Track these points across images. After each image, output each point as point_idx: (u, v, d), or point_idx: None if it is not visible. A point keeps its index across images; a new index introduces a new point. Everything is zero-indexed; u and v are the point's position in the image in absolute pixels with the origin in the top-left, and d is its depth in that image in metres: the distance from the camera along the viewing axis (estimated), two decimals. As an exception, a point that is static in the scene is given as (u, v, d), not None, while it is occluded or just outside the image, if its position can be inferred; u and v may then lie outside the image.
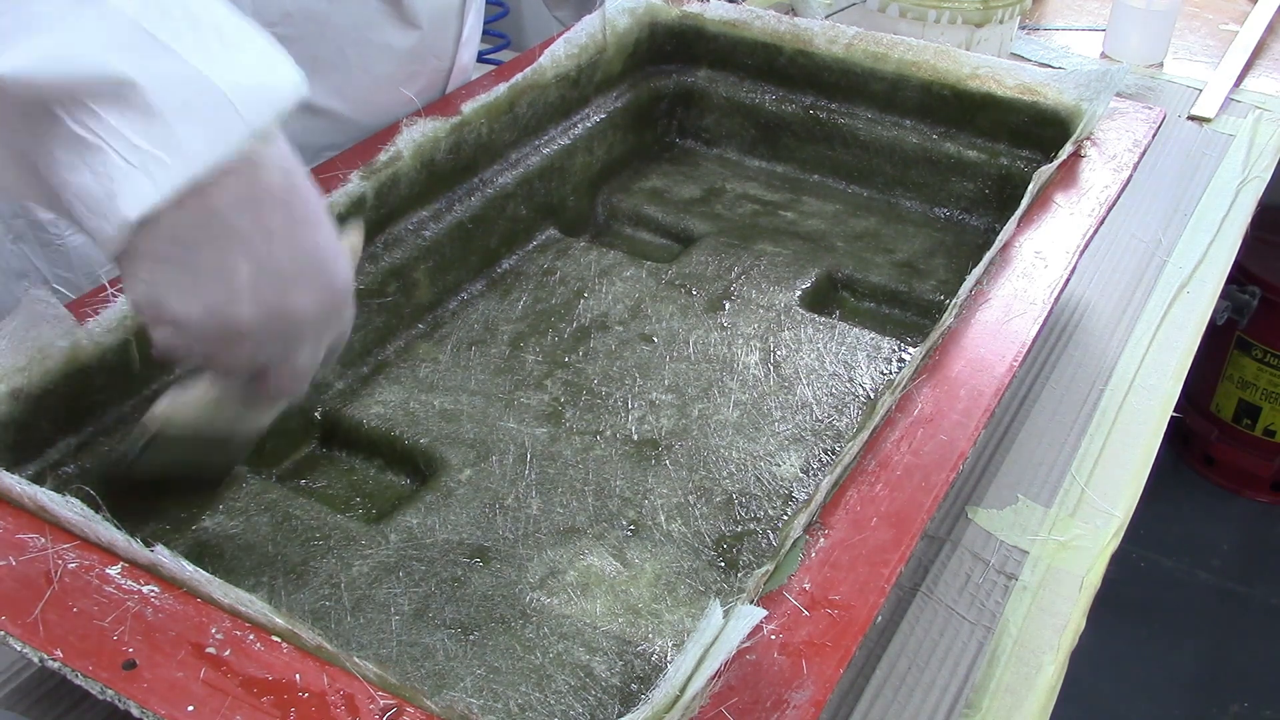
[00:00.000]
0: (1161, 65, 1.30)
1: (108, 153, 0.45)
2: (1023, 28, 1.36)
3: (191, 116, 0.46)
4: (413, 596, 0.58)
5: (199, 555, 0.60)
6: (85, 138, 0.45)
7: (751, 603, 0.47)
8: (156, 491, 0.60)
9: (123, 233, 0.46)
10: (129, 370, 0.61)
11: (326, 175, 0.72)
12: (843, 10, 1.28)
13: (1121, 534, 0.69)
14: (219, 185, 0.47)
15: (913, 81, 0.90)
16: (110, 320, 0.60)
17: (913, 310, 0.83)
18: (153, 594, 0.46)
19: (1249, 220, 1.02)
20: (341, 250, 0.53)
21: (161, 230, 0.47)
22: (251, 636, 0.45)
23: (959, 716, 0.58)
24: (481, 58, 1.01)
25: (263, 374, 0.54)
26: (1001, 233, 0.71)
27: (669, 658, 0.56)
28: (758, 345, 0.77)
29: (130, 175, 0.45)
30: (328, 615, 0.57)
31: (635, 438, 0.69)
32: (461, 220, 0.81)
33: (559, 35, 0.89)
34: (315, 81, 0.81)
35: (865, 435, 0.56)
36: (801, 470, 0.67)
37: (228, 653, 0.44)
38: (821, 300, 0.84)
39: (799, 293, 0.82)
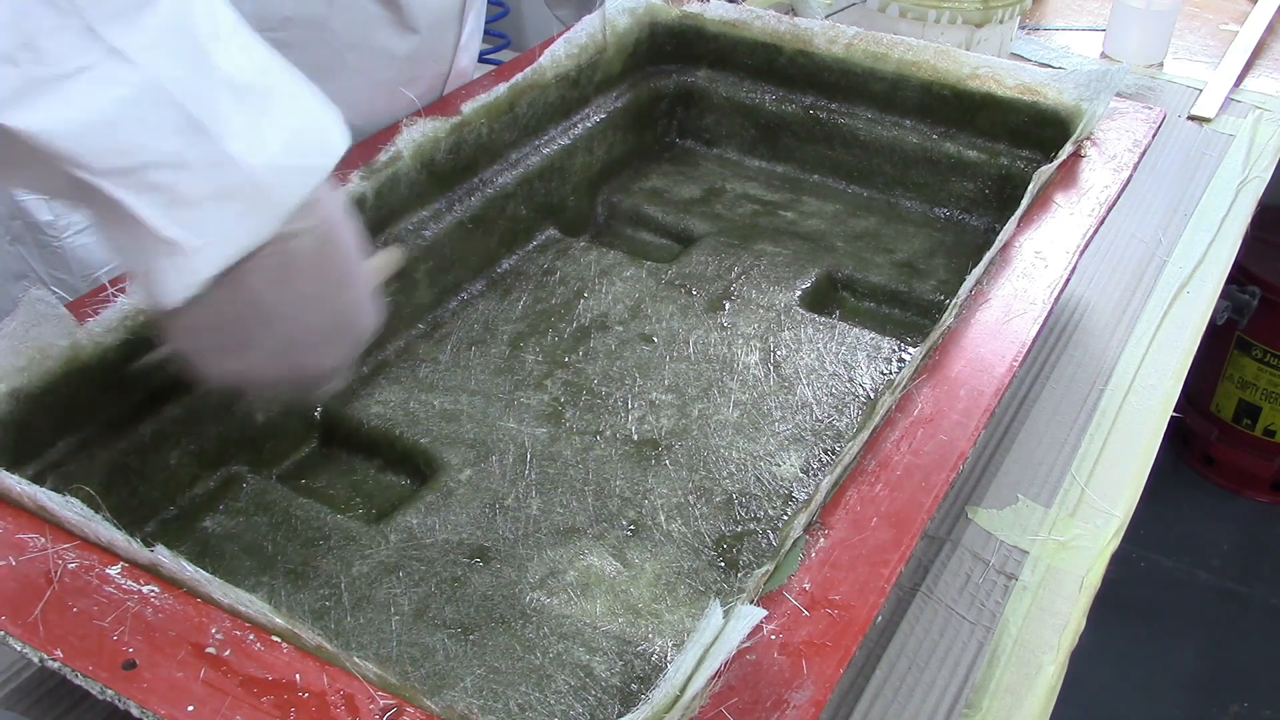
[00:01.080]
0: (1161, 65, 1.30)
1: (139, 234, 0.45)
2: (1023, 28, 1.36)
3: (222, 203, 0.45)
4: (413, 596, 0.58)
5: (199, 555, 0.60)
6: (115, 210, 0.45)
7: (751, 603, 0.47)
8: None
9: (164, 306, 0.47)
10: (129, 369, 0.61)
11: (326, 175, 0.72)
12: (843, 10, 1.28)
13: (1121, 534, 0.69)
14: (251, 264, 0.47)
15: (913, 81, 0.90)
16: (110, 320, 0.60)
17: (913, 310, 0.83)
18: (153, 594, 0.46)
19: (1249, 220, 1.02)
20: (367, 298, 0.54)
21: (195, 304, 0.47)
22: (251, 636, 0.45)
23: (959, 716, 0.58)
24: (481, 58, 1.01)
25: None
26: (1001, 233, 0.71)
27: (669, 658, 0.56)
28: (758, 345, 0.77)
29: (163, 263, 0.45)
30: (328, 615, 0.57)
31: (635, 438, 0.69)
32: (461, 220, 0.81)
33: (559, 35, 0.89)
34: (293, 71, 0.82)
35: (865, 435, 0.56)
36: (801, 470, 0.67)
37: (228, 653, 0.44)
38: (821, 300, 0.84)
39: (799, 293, 0.82)
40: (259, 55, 0.47)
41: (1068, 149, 0.79)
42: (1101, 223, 0.75)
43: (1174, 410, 0.80)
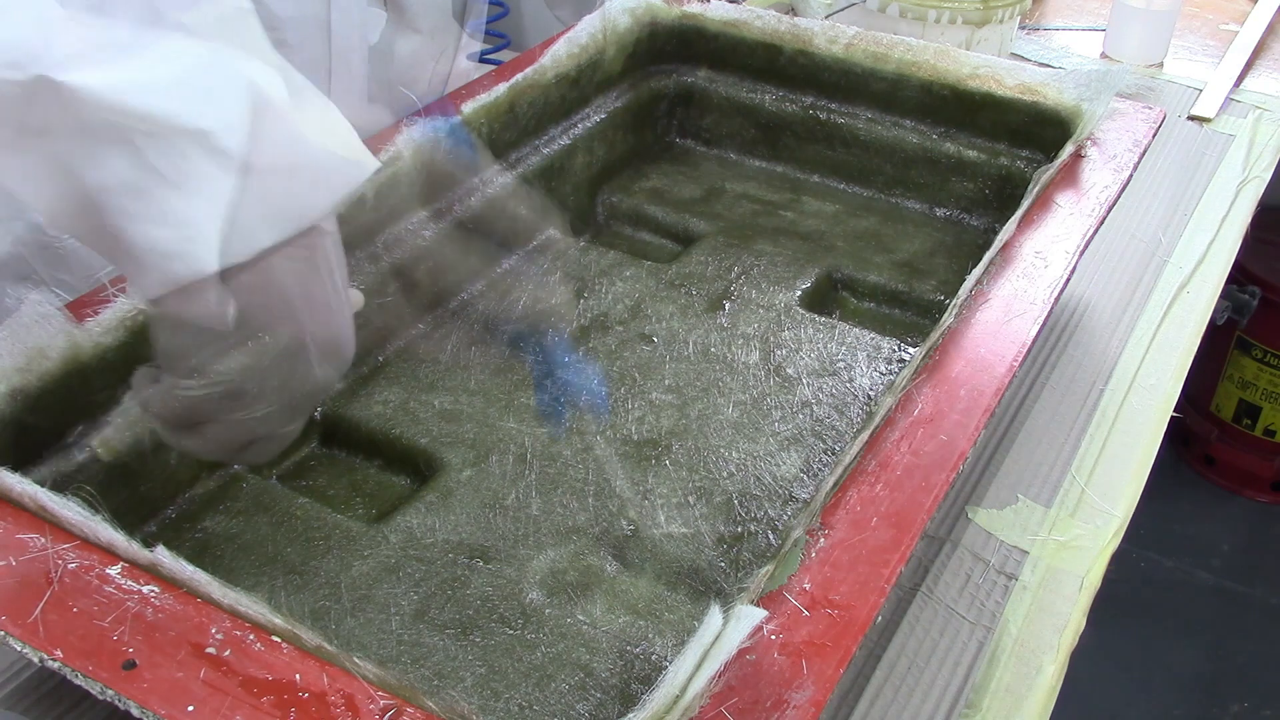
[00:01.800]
0: (1161, 65, 1.30)
1: (191, 197, 0.43)
2: (1023, 28, 1.36)
3: (290, 177, 0.44)
4: (413, 596, 0.58)
5: (199, 555, 0.60)
6: (166, 176, 0.43)
7: (751, 603, 0.47)
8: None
9: (192, 279, 0.44)
10: (128, 369, 0.60)
11: (326, 175, 0.72)
12: (843, 10, 1.28)
13: (1121, 534, 0.69)
14: (286, 253, 0.45)
15: (913, 81, 0.90)
16: (109, 320, 0.60)
17: (913, 310, 0.83)
18: (153, 594, 0.46)
19: (1249, 220, 1.02)
20: (351, 323, 0.51)
21: (226, 279, 0.44)
22: (251, 636, 0.45)
23: (959, 716, 0.58)
24: (481, 58, 1.01)
25: (243, 449, 0.50)
26: (1001, 233, 0.71)
27: (669, 658, 0.55)
28: (758, 345, 0.77)
29: (216, 228, 0.43)
30: (328, 615, 0.57)
31: (635, 438, 0.69)
32: (461, 220, 0.81)
33: (559, 35, 0.89)
34: (316, 87, 0.82)
35: (865, 435, 0.56)
36: (801, 470, 0.67)
37: (228, 653, 0.44)
38: (821, 300, 0.84)
39: (799, 293, 0.82)
40: (294, 71, 0.48)
41: (1068, 149, 0.79)
42: (1101, 223, 0.75)
43: (1174, 410, 0.80)
